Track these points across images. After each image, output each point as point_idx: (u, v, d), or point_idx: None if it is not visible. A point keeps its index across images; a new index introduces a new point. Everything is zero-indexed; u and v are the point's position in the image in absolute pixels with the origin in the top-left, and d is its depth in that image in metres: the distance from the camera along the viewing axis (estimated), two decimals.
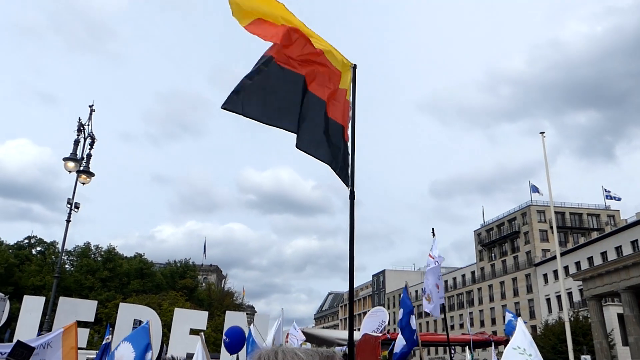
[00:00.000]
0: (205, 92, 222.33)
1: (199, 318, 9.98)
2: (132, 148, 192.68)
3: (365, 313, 19.85)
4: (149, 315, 9.41)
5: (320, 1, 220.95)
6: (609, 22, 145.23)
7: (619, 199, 61.95)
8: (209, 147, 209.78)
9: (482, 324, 75.46)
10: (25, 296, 9.63)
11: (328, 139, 4.62)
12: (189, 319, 9.80)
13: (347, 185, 4.55)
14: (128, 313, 9.30)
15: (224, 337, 6.33)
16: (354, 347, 5.00)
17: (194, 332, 9.53)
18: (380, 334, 16.44)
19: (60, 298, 9.37)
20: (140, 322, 9.71)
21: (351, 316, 4.72)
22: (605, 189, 62.75)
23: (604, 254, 54.96)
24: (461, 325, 76.64)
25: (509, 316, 16.49)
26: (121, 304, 10.07)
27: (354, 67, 4.88)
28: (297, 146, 4.45)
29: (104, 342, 6.97)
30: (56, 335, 7.55)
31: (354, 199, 4.52)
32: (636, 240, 50.98)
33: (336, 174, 4.60)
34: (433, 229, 12.44)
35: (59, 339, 7.35)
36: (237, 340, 6.49)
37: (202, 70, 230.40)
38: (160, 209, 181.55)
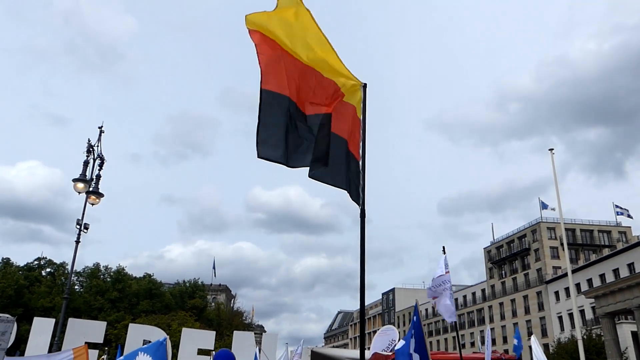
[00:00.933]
0: (213, 112, 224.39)
1: (207, 338, 9.96)
2: (141, 168, 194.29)
3: (375, 332, 19.65)
4: (159, 335, 9.43)
5: (328, 20, 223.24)
6: (616, 40, 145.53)
7: (631, 216, 61.27)
8: (218, 166, 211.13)
9: (493, 342, 74.34)
10: (35, 318, 9.67)
11: (337, 159, 4.64)
12: (197, 339, 9.78)
13: (357, 204, 4.54)
14: (137, 334, 9.31)
15: None
16: None
17: (202, 352, 9.51)
18: (390, 353, 16.28)
19: (70, 319, 9.40)
20: (150, 342, 9.72)
21: (362, 336, 4.73)
22: (616, 205, 62.24)
23: (616, 271, 54.30)
24: (472, 344, 75.63)
25: (515, 342, 16.37)
26: (130, 325, 10.08)
27: (364, 85, 4.91)
28: (310, 176, 4.48)
29: None
30: (66, 357, 7.57)
31: (364, 217, 4.50)
32: None
33: (348, 193, 4.61)
34: (444, 247, 12.32)
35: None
36: None
37: (210, 90, 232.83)
38: (169, 229, 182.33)
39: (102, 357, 7.07)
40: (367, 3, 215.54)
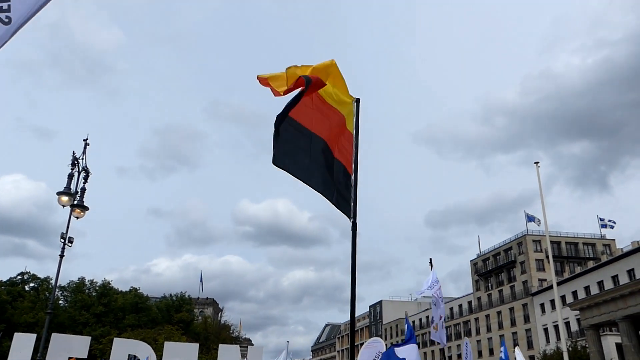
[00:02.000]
0: (200, 124, 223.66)
1: (190, 351, 9.91)
2: (127, 182, 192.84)
3: (362, 344, 19.69)
4: (144, 350, 9.37)
5: (318, 35, 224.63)
6: (599, 55, 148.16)
7: (613, 226, 61.99)
8: (205, 179, 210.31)
9: (480, 354, 74.59)
10: (15, 334, 9.55)
11: (331, 175, 4.75)
12: (180, 352, 9.72)
13: (349, 218, 4.60)
14: (122, 348, 9.24)
15: None
16: None
17: None
18: None
19: (53, 334, 9.30)
20: (135, 357, 9.66)
21: (352, 348, 4.80)
22: (600, 218, 62.96)
23: (600, 283, 54.83)
24: (459, 356, 75.59)
25: (501, 353, 16.55)
26: (115, 339, 10.00)
27: (357, 100, 5.00)
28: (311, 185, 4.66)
29: None
30: None
31: (356, 230, 4.55)
32: (632, 269, 50.94)
33: (337, 208, 4.67)
34: (431, 260, 12.40)
35: None
36: None
37: (197, 103, 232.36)
38: (156, 243, 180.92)
39: None
40: (357, 18, 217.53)
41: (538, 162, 27.40)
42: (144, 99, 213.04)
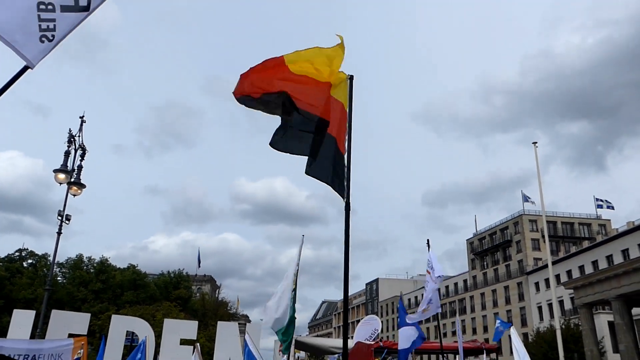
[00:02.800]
0: (198, 102, 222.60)
1: (189, 328, 10.00)
2: (124, 159, 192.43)
3: (358, 321, 19.93)
4: (142, 327, 9.47)
5: (314, 13, 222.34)
6: (599, 34, 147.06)
7: (612, 207, 62.22)
8: (202, 157, 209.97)
9: (474, 331, 75.55)
10: (15, 310, 9.63)
11: (325, 155, 4.72)
12: (179, 329, 9.82)
13: (342, 198, 4.55)
14: (120, 325, 9.34)
15: None
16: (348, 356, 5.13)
17: (184, 342, 9.58)
18: (373, 342, 16.56)
19: (53, 311, 9.39)
20: (133, 333, 9.77)
21: (345, 328, 4.86)
22: (596, 198, 63.21)
23: (595, 263, 55.31)
24: (453, 333, 76.63)
25: (497, 323, 16.71)
26: (113, 316, 10.10)
27: (351, 77, 4.90)
28: (309, 173, 4.71)
29: (75, 357, 6.96)
30: (66, 346, 7.60)
31: (349, 210, 4.51)
32: (627, 249, 51.36)
33: (332, 188, 4.64)
34: (428, 241, 12.30)
35: (69, 351, 7.43)
36: None
37: (195, 80, 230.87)
38: (153, 220, 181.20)
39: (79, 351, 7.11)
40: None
41: (536, 143, 27.46)
42: (140, 75, 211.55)
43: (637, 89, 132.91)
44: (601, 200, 62.53)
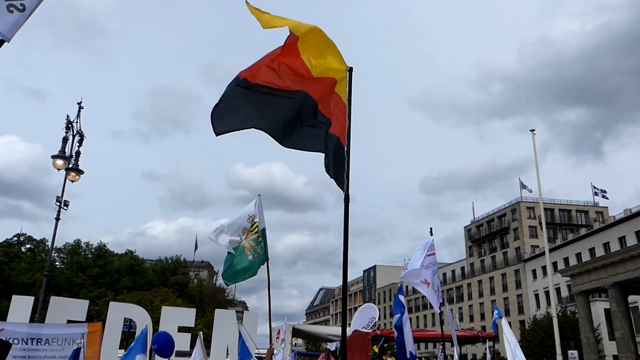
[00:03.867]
0: (195, 87, 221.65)
1: (187, 315, 9.99)
2: (121, 145, 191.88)
3: (356, 308, 19.99)
4: (139, 314, 9.44)
5: (310, 1, 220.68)
6: (598, 20, 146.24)
7: (606, 197, 62.39)
8: (200, 142, 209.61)
9: (471, 319, 76.09)
10: (13, 296, 9.62)
11: (326, 147, 4.73)
12: (177, 317, 9.80)
13: (342, 189, 4.54)
14: (118, 311, 9.33)
15: (151, 345, 6.45)
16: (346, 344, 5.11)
17: (182, 329, 9.58)
18: (370, 330, 16.57)
19: (52, 298, 9.37)
20: (131, 320, 9.74)
21: (344, 317, 4.83)
22: (593, 186, 63.31)
23: (592, 250, 55.58)
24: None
25: (495, 314, 16.75)
26: (111, 303, 10.07)
27: (350, 69, 4.87)
28: (286, 145, 4.71)
29: (74, 348, 6.92)
30: (80, 331, 7.58)
31: (348, 202, 4.50)
32: (624, 237, 51.57)
33: (335, 181, 4.63)
34: (431, 229, 12.29)
35: (80, 337, 7.41)
36: (166, 346, 6.61)
37: (192, 66, 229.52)
38: (151, 206, 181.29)
39: (79, 342, 7.07)
40: None
41: (534, 130, 27.37)
42: (137, 61, 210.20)
43: (635, 75, 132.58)
44: (597, 189, 62.70)
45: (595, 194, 62.84)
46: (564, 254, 60.12)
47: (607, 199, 61.12)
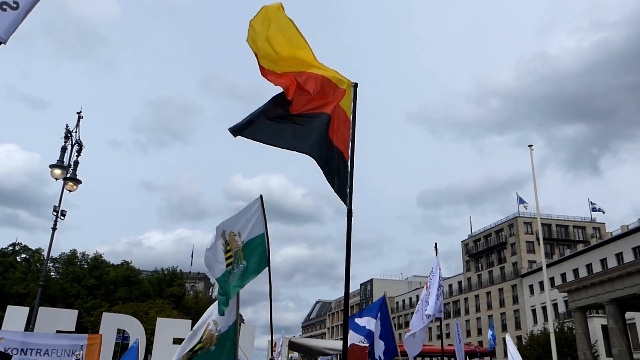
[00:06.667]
0: (195, 99, 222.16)
1: (182, 327, 9.94)
2: (120, 155, 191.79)
3: None
4: (133, 325, 9.39)
5: (311, 17, 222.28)
6: (596, 37, 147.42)
7: (603, 212, 62.52)
8: (199, 154, 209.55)
9: (468, 334, 75.65)
10: (8, 307, 9.57)
11: (331, 162, 4.69)
12: (172, 328, 9.75)
13: (345, 204, 4.55)
14: (112, 323, 9.26)
15: None
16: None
17: (177, 341, 9.50)
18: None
19: (41, 308, 9.31)
20: (124, 331, 9.68)
21: (346, 331, 4.81)
22: (591, 202, 63.44)
23: (589, 266, 55.47)
24: (447, 335, 76.80)
25: (489, 336, 16.76)
26: (105, 314, 10.01)
27: (355, 85, 4.91)
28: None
29: (73, 359, 6.86)
30: (79, 342, 7.54)
31: (351, 216, 4.50)
32: (621, 253, 51.52)
33: (338, 195, 4.60)
34: (436, 245, 12.35)
35: (79, 349, 7.36)
36: None
37: (192, 77, 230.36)
38: (148, 216, 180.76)
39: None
40: (349, 1, 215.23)
41: (532, 145, 27.35)
42: (138, 71, 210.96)
43: (633, 92, 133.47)
44: (594, 204, 62.82)
45: (593, 209, 63.00)
46: (561, 270, 60.00)
47: (603, 212, 61.23)
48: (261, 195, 7.65)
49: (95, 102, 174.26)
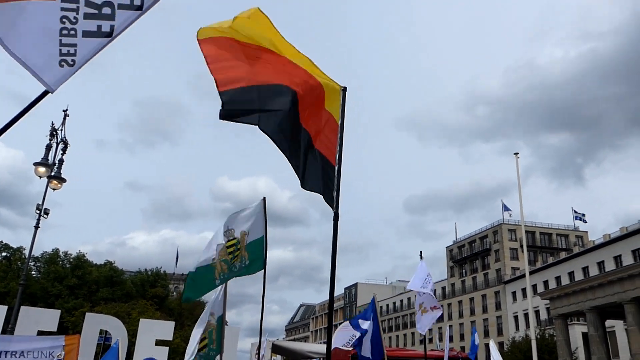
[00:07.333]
0: (184, 99, 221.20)
1: (165, 328, 9.85)
2: (106, 154, 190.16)
3: (336, 326, 19.88)
4: (115, 326, 9.30)
5: (301, 22, 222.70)
6: (584, 47, 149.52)
7: (585, 220, 63.29)
8: (186, 155, 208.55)
9: (451, 339, 75.74)
10: None
11: (315, 166, 4.63)
12: (155, 330, 9.66)
13: (331, 207, 4.52)
14: (94, 323, 9.16)
15: None
16: None
17: (160, 342, 9.42)
18: (351, 348, 16.49)
19: (22, 307, 9.20)
20: (107, 332, 9.59)
21: (330, 335, 4.82)
22: (574, 211, 64.17)
23: (571, 274, 56.08)
24: (430, 340, 77.10)
25: (473, 337, 16.87)
26: (87, 314, 9.91)
27: (344, 89, 4.79)
28: (303, 187, 4.53)
29: None
30: (57, 344, 7.44)
31: (337, 220, 4.47)
32: (602, 262, 52.16)
33: (324, 198, 4.58)
34: (421, 252, 12.59)
35: (61, 350, 7.27)
36: None
37: (181, 77, 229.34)
38: (133, 216, 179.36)
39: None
40: (341, 5, 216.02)
41: (517, 153, 27.69)
42: (126, 71, 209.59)
43: (618, 102, 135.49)
44: (578, 213, 63.56)
45: (577, 218, 63.74)
46: (543, 277, 60.57)
47: (585, 222, 62.02)
48: (264, 198, 7.73)
49: (82, 101, 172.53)
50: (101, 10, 3.00)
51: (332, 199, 4.58)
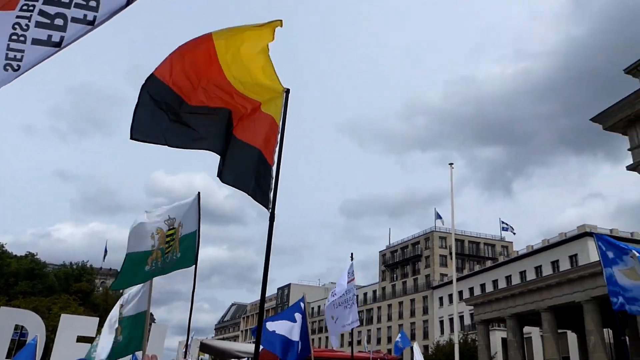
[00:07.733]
0: (121, 89, 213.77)
1: (89, 325, 9.44)
2: (35, 141, 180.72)
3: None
4: (33, 321, 8.83)
5: (247, 15, 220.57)
6: (518, 65, 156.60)
7: (514, 232, 66.17)
8: (121, 146, 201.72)
9: (378, 341, 77.47)
10: None
11: (245, 164, 4.64)
12: (77, 326, 9.23)
13: (267, 208, 4.53)
14: (9, 318, 8.64)
15: None
16: None
17: (81, 339, 9.02)
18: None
19: None
20: (22, 327, 9.10)
21: (259, 335, 4.79)
22: (502, 221, 66.96)
23: (495, 282, 58.57)
24: (359, 342, 78.27)
25: (398, 337, 17.27)
26: (1, 308, 9.34)
27: (287, 91, 4.80)
28: (221, 180, 4.60)
29: None
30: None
31: (273, 220, 4.47)
32: (524, 271, 54.80)
33: (253, 198, 4.58)
34: (352, 254, 12.69)
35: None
36: None
37: (119, 66, 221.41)
38: (60, 207, 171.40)
39: None
40: (290, 9, 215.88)
41: (452, 164, 28.63)
42: (60, 54, 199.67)
43: (548, 120, 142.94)
44: (506, 224, 66.36)
45: (504, 229, 66.51)
46: (469, 284, 62.91)
47: (514, 233, 64.84)
48: (199, 193, 7.69)
49: (10, 84, 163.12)
50: (53, 21, 3.05)
51: (267, 199, 4.58)
